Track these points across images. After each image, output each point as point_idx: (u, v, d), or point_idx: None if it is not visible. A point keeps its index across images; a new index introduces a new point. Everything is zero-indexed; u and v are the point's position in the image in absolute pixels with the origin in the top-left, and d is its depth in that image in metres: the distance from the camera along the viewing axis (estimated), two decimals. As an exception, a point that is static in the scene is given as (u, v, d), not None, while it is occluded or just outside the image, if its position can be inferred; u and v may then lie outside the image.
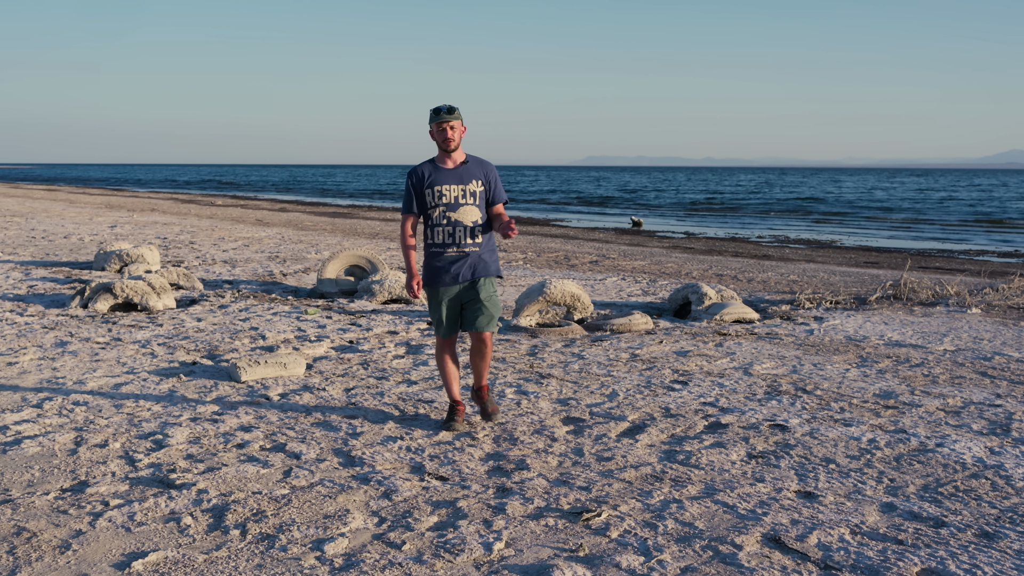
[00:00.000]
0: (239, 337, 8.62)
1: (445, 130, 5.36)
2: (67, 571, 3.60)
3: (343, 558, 3.76)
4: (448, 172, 5.42)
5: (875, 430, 5.69)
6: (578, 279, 13.81)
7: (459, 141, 5.42)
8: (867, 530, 4.10)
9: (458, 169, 5.44)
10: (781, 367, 7.53)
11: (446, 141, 5.37)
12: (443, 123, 5.35)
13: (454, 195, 5.38)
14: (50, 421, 5.70)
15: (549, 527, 4.11)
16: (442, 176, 5.41)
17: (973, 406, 6.31)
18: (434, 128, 5.40)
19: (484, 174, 5.49)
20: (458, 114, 5.38)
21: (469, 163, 5.48)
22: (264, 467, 4.87)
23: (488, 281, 5.47)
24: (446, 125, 5.35)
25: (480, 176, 5.46)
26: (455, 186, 5.40)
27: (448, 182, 5.40)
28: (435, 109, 5.37)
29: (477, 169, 5.48)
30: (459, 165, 5.45)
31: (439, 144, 5.42)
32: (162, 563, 3.68)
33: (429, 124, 5.41)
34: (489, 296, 5.47)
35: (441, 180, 5.40)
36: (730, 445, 5.36)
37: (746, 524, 4.15)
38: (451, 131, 5.36)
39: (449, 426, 5.56)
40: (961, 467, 5.00)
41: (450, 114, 5.34)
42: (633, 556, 3.80)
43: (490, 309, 5.45)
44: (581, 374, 7.21)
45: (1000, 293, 11.95)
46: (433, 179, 5.41)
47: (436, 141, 5.43)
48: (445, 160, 5.46)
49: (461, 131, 5.42)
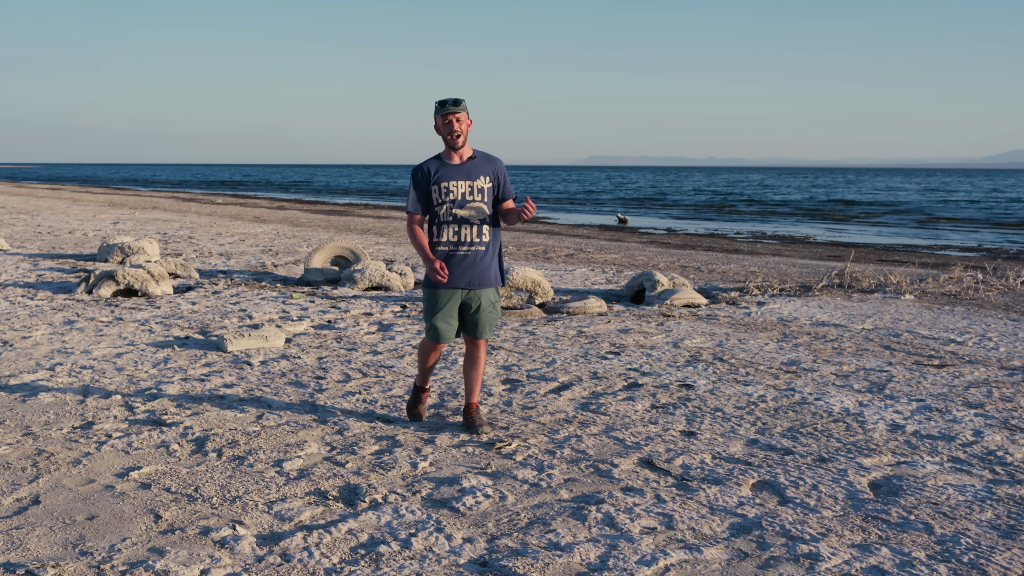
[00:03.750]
0: (229, 317, 9.58)
1: (452, 123, 5.15)
2: (79, 477, 4.58)
3: (297, 471, 4.72)
4: (455, 168, 5.23)
5: (768, 389, 6.64)
6: (550, 269, 14.76)
7: (466, 135, 5.22)
8: (726, 456, 5.05)
9: (465, 165, 5.23)
10: (708, 342, 8.48)
11: (452, 134, 5.17)
12: (449, 115, 5.13)
13: (462, 192, 5.19)
14: (61, 380, 6.66)
15: (468, 453, 5.07)
16: (449, 172, 5.21)
17: (863, 371, 7.25)
18: (440, 121, 5.19)
19: (493, 170, 5.29)
20: (464, 106, 5.17)
21: (477, 159, 5.27)
22: (241, 412, 5.84)
23: (492, 290, 5.35)
24: (452, 117, 5.14)
25: (488, 172, 5.27)
26: (463, 182, 5.20)
27: (456, 178, 5.20)
28: (440, 101, 5.15)
29: (485, 165, 5.28)
30: (466, 161, 5.25)
31: (445, 138, 5.21)
32: (153, 473, 4.66)
33: (434, 117, 5.21)
34: (492, 303, 5.35)
35: (448, 176, 5.20)
36: (639, 399, 6.31)
37: (628, 451, 5.11)
38: (457, 124, 5.16)
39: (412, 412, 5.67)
40: (827, 415, 5.94)
41: (456, 106, 5.13)
42: (529, 471, 4.75)
43: (491, 316, 5.36)
44: (528, 347, 8.16)
45: (937, 282, 12.90)
46: (440, 175, 5.21)
47: (442, 135, 5.22)
48: (452, 156, 5.26)
49: (468, 124, 5.22)
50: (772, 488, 4.57)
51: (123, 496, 4.34)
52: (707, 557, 3.74)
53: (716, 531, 4.01)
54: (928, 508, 4.30)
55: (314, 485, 4.53)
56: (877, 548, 3.84)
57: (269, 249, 17.68)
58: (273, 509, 4.21)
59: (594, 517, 4.13)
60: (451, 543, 3.85)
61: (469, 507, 4.26)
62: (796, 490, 4.53)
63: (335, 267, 13.01)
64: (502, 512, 4.21)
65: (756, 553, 3.79)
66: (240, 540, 3.84)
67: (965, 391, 6.61)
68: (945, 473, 4.81)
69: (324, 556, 3.71)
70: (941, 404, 6.23)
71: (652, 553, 3.76)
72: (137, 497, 4.33)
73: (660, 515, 4.18)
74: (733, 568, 3.65)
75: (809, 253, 20.48)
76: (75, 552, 3.71)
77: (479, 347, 5.46)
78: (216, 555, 3.70)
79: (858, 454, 5.12)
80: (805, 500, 4.39)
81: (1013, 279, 13.22)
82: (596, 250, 19.18)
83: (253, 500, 4.31)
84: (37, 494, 4.36)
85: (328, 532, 3.93)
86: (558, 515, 4.17)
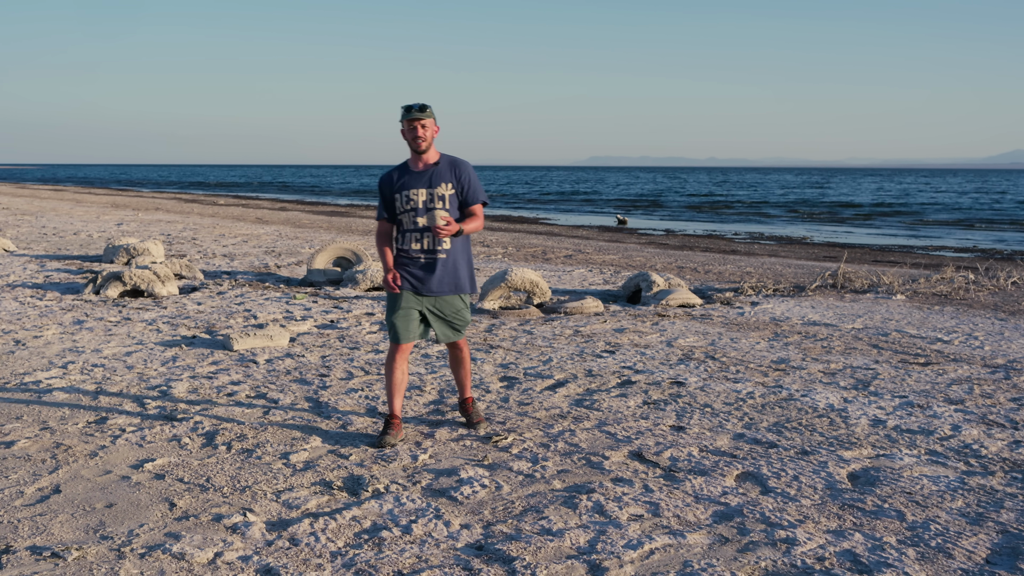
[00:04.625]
0: (234, 317, 9.82)
1: (416, 128, 5.11)
2: (96, 468, 4.82)
3: (303, 463, 4.96)
4: (417, 175, 5.20)
5: (757, 386, 6.87)
6: (548, 270, 14.99)
7: (431, 141, 5.17)
8: (713, 449, 5.29)
9: (427, 172, 5.19)
10: (701, 341, 8.71)
11: (416, 140, 5.13)
12: (414, 121, 5.09)
13: (422, 200, 5.16)
14: (74, 378, 6.90)
15: (466, 446, 5.30)
16: (411, 180, 5.19)
17: (849, 369, 7.49)
18: (405, 127, 5.15)
19: (456, 176, 5.22)
20: (430, 112, 5.12)
21: (440, 165, 5.21)
22: (248, 408, 6.07)
23: (456, 299, 5.32)
24: (417, 124, 5.10)
25: (451, 179, 5.21)
26: (423, 190, 5.17)
27: (416, 186, 5.17)
28: (406, 107, 5.10)
29: (448, 171, 5.21)
30: (429, 167, 5.21)
31: (409, 144, 5.19)
32: (166, 465, 4.90)
33: (400, 122, 5.18)
34: (457, 311, 5.33)
35: (410, 184, 5.19)
36: (631, 395, 6.54)
37: (619, 445, 5.34)
38: (422, 130, 5.11)
39: (381, 440, 5.25)
40: (812, 411, 6.18)
41: (421, 112, 5.08)
42: (524, 463, 4.99)
43: (456, 324, 5.35)
44: (526, 346, 8.40)
45: (929, 282, 13.13)
46: (402, 183, 5.20)
47: (407, 140, 5.19)
48: (416, 162, 5.23)
49: (434, 131, 5.18)
50: (755, 479, 4.81)
51: (139, 486, 4.58)
52: (690, 541, 3.98)
53: (700, 518, 4.25)
54: (902, 497, 4.54)
55: (319, 476, 4.77)
56: (851, 533, 4.08)
57: (272, 250, 17.92)
58: (281, 498, 4.44)
59: (585, 505, 4.37)
60: (449, 529, 4.09)
61: (466, 496, 4.49)
62: (778, 481, 4.76)
63: (337, 268, 13.25)
64: (498, 501, 4.44)
65: (736, 538, 4.02)
66: (251, 526, 4.08)
67: (947, 388, 6.84)
68: (921, 465, 5.04)
69: (330, 540, 3.95)
70: (923, 400, 6.46)
71: (638, 538, 3.99)
72: (152, 487, 4.57)
73: (647, 503, 4.41)
74: (714, 552, 3.88)
75: (805, 254, 20.72)
76: (96, 536, 3.95)
77: (459, 347, 5.49)
78: (229, 539, 3.94)
79: (839, 447, 5.35)
80: (786, 490, 4.63)
81: (1004, 280, 13.45)
82: (595, 251, 19.42)
83: (262, 490, 4.55)
84: (57, 484, 4.60)
85: (333, 519, 4.17)
86: (551, 503, 4.40)
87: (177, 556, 3.75)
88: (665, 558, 3.82)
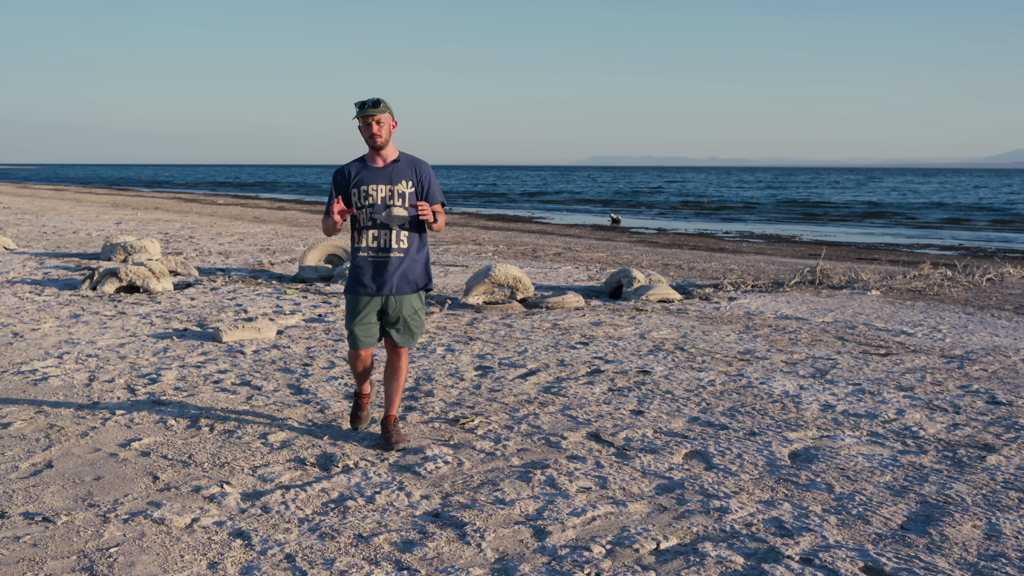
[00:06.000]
0: (225, 311, 10.16)
1: (371, 124, 5.03)
2: (86, 447, 5.17)
3: (280, 443, 5.31)
4: (377, 171, 5.13)
5: (719, 374, 7.21)
6: (536, 267, 15.33)
7: (387, 137, 5.11)
8: (666, 431, 5.63)
9: (387, 168, 5.13)
10: (674, 333, 9.05)
11: (372, 137, 5.06)
12: (368, 117, 5.02)
13: (381, 196, 5.09)
14: (69, 366, 7.25)
15: (434, 428, 5.65)
16: (370, 175, 5.12)
17: (811, 359, 7.82)
18: (360, 123, 5.07)
19: (416, 174, 5.16)
20: (385, 107, 5.04)
21: (400, 162, 5.16)
22: (232, 394, 6.42)
23: (415, 297, 5.23)
24: (372, 119, 5.03)
25: (411, 176, 5.15)
26: (383, 186, 5.10)
27: (376, 182, 5.10)
28: (359, 103, 5.03)
29: (408, 169, 5.16)
30: (389, 164, 5.15)
31: (366, 140, 5.11)
32: (152, 444, 5.25)
33: (355, 119, 5.11)
34: (413, 313, 5.21)
35: (368, 180, 5.11)
36: (598, 383, 6.88)
37: (579, 427, 5.68)
38: (377, 126, 5.04)
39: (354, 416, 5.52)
40: (768, 397, 6.51)
41: (375, 107, 5.00)
42: (487, 443, 5.33)
43: (411, 326, 5.21)
44: (504, 338, 8.74)
45: (905, 279, 13.47)
46: (360, 178, 5.12)
47: (363, 137, 5.11)
48: (375, 158, 5.16)
49: (390, 126, 5.11)
50: (701, 456, 5.15)
51: (125, 462, 4.93)
52: (630, 510, 4.32)
53: (643, 490, 4.59)
54: (835, 472, 4.88)
55: (294, 454, 5.12)
56: (780, 503, 4.42)
57: (267, 248, 18.27)
58: (257, 473, 4.79)
59: (538, 479, 4.71)
60: (410, 499, 4.43)
61: (430, 471, 4.84)
62: (722, 458, 5.10)
63: (329, 265, 13.60)
64: (458, 475, 4.79)
65: (674, 507, 4.36)
66: (227, 496, 4.42)
67: (900, 376, 7.18)
68: (860, 445, 5.38)
69: (299, 508, 4.29)
70: (875, 388, 6.79)
71: (583, 507, 4.34)
72: (138, 463, 4.92)
73: (596, 478, 4.75)
74: (652, 519, 4.23)
75: (792, 252, 21.06)
76: (84, 504, 4.30)
77: (400, 356, 5.28)
78: (206, 507, 4.29)
79: (786, 429, 5.69)
80: (728, 466, 4.97)
81: (979, 276, 13.79)
82: (584, 249, 19.76)
83: (240, 465, 4.90)
84: (50, 460, 4.95)
85: (304, 490, 4.52)
86: (507, 478, 4.75)
87: (157, 521, 4.10)
88: (605, 524, 4.16)
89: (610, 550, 3.87)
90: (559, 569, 3.69)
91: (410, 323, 5.20)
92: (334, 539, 3.96)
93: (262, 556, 3.78)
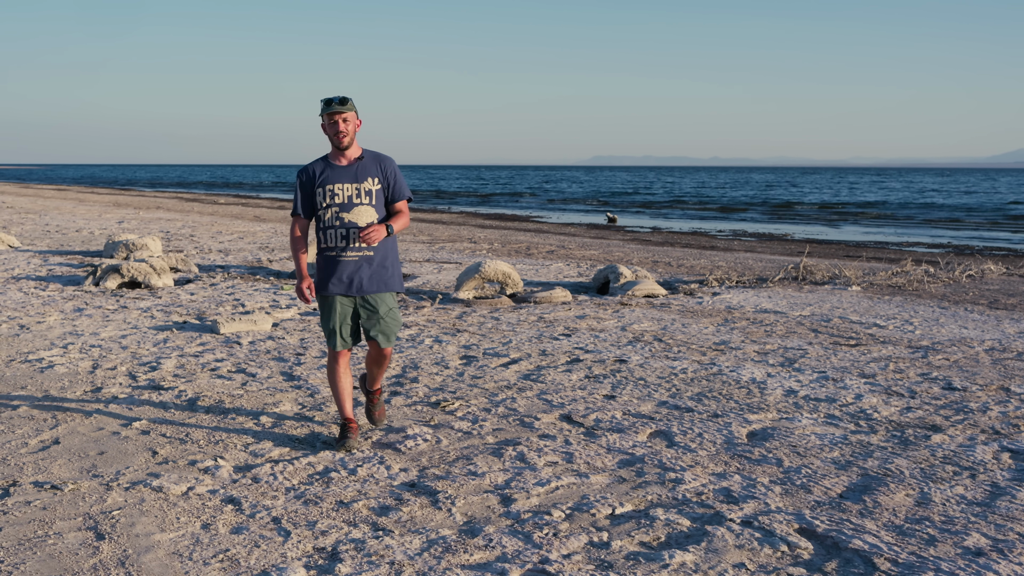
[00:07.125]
0: (223, 305, 10.54)
1: (337, 123, 4.99)
2: (90, 426, 5.55)
3: (272, 423, 5.69)
4: (341, 170, 5.07)
5: (692, 363, 7.58)
6: (528, 264, 15.70)
7: (353, 135, 5.06)
8: (635, 413, 6.00)
9: (352, 166, 5.08)
10: (654, 326, 9.41)
11: (338, 135, 5.01)
12: (335, 115, 4.97)
13: (347, 194, 5.03)
14: (73, 356, 7.63)
15: (417, 411, 6.02)
16: (335, 174, 5.07)
17: (782, 349, 8.19)
18: (325, 121, 5.03)
19: (381, 171, 5.12)
20: (351, 105, 5.01)
21: (364, 159, 5.11)
22: (228, 380, 6.80)
23: (388, 295, 5.18)
24: (338, 117, 4.98)
25: (376, 173, 5.11)
26: (349, 185, 5.05)
27: (341, 180, 5.05)
28: (326, 100, 4.99)
29: (373, 165, 5.11)
30: (353, 162, 5.09)
31: (331, 138, 5.06)
32: (151, 423, 5.64)
33: (320, 116, 5.05)
34: (388, 311, 5.17)
35: (333, 179, 5.05)
36: (576, 371, 7.25)
37: (553, 409, 6.05)
38: (343, 124, 5.00)
39: (343, 444, 5.15)
40: (735, 383, 6.88)
41: (342, 105, 4.96)
42: (465, 423, 5.70)
43: (389, 324, 5.18)
44: (491, 330, 9.11)
45: (887, 275, 13.83)
46: (325, 177, 5.07)
47: (328, 135, 5.06)
48: (339, 157, 5.11)
49: (356, 124, 5.07)
50: (664, 436, 5.51)
51: (127, 439, 5.31)
52: (591, 481, 4.69)
53: (606, 464, 4.95)
54: (786, 449, 5.24)
55: (285, 432, 5.49)
56: (731, 475, 4.78)
57: (266, 246, 18.65)
58: (249, 449, 5.16)
59: (509, 455, 5.08)
60: (389, 472, 4.80)
61: (409, 448, 5.21)
62: (683, 437, 5.47)
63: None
64: (436, 451, 5.16)
65: (633, 479, 4.73)
66: (220, 468, 4.80)
67: (865, 365, 7.54)
68: (815, 426, 5.74)
69: (286, 479, 4.67)
70: (838, 375, 7.15)
71: (548, 478, 4.71)
72: (139, 440, 5.30)
73: (564, 454, 5.12)
74: (610, 488, 4.59)
75: (782, 249, 21.42)
76: (89, 475, 4.68)
77: (384, 353, 5.28)
78: (201, 478, 4.66)
79: (748, 412, 6.05)
80: (688, 444, 5.33)
81: (959, 273, 14.15)
82: (577, 247, 20.13)
83: (233, 442, 5.28)
84: (57, 437, 5.33)
85: (291, 464, 4.89)
86: (480, 453, 5.12)
87: (156, 489, 4.48)
88: (567, 493, 4.53)
89: (569, 514, 4.24)
90: (521, 530, 4.05)
91: (386, 323, 5.16)
92: (317, 505, 4.33)
93: (251, 519, 4.16)
